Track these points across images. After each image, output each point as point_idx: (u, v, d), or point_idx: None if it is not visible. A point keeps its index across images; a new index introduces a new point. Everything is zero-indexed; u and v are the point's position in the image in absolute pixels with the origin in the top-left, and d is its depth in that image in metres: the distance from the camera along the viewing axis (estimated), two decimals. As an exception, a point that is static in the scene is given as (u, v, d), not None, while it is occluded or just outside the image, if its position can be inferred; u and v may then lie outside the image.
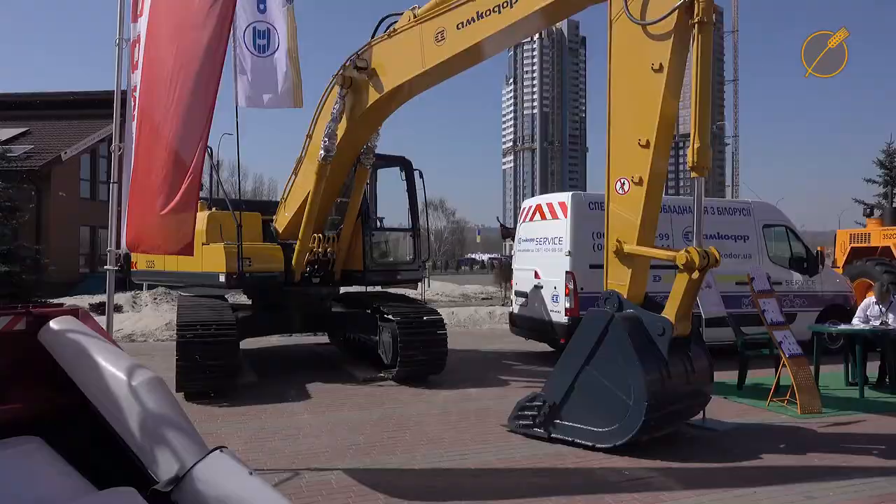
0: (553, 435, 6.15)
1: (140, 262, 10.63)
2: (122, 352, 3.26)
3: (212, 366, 7.87)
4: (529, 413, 6.36)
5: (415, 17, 7.83)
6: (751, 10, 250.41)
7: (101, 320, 6.46)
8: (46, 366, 3.21)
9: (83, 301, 17.50)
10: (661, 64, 5.77)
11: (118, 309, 16.62)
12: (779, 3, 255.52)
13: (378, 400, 8.14)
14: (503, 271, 25.17)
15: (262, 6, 9.16)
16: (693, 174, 5.91)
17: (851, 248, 16.83)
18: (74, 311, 3.47)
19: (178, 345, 7.98)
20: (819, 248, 12.61)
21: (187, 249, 5.25)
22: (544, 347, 11.58)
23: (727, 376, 8.75)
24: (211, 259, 9.00)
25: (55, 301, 13.99)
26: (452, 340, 9.99)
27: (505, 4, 6.81)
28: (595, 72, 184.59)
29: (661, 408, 5.83)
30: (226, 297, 10.31)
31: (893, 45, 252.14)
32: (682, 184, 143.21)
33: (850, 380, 9.08)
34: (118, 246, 6.18)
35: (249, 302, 10.95)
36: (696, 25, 5.64)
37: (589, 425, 5.92)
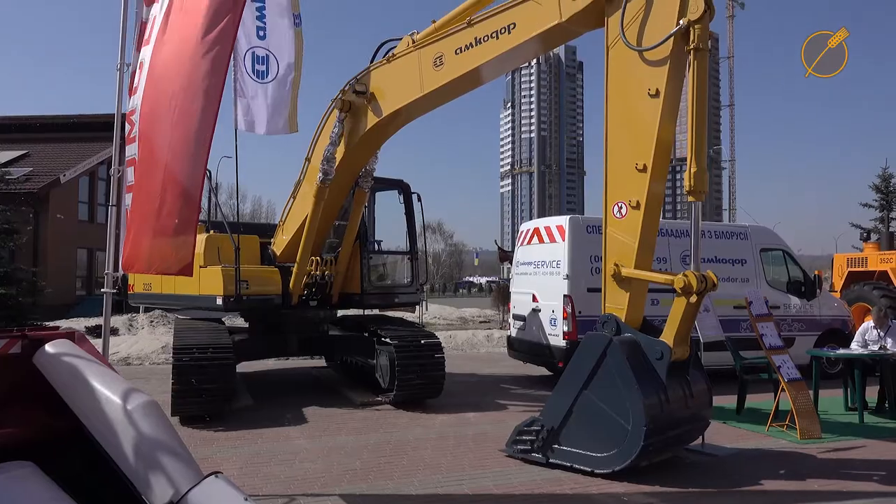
0: (551, 460, 6.10)
1: (137, 284, 10.61)
2: (118, 375, 3.24)
3: (207, 389, 7.82)
4: (527, 438, 6.31)
5: (413, 42, 7.92)
6: (745, 35, 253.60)
7: (98, 343, 6.43)
8: (41, 390, 3.18)
9: (79, 324, 17.43)
10: (657, 89, 5.82)
11: (114, 332, 16.54)
12: (773, 25, 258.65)
13: (375, 424, 8.08)
14: (501, 294, 25.15)
15: (261, 33, 9.23)
16: (690, 198, 5.93)
17: (849, 272, 16.86)
18: (70, 335, 3.45)
19: (174, 368, 7.93)
20: (816, 272, 12.64)
21: (186, 270, 5.28)
22: (542, 371, 11.53)
23: (726, 401, 8.70)
24: (208, 282, 8.99)
25: (51, 324, 13.91)
26: (450, 364, 9.94)
27: (503, 31, 6.89)
28: (592, 96, 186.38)
29: (659, 432, 5.79)
30: (223, 319, 10.28)
31: (889, 71, 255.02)
32: (679, 207, 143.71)
33: (849, 405, 9.04)
34: (116, 269, 6.17)
35: (246, 325, 10.91)
36: (691, 52, 5.70)
37: (587, 450, 5.87)
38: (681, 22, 5.67)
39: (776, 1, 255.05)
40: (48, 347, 3.26)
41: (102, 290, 6.34)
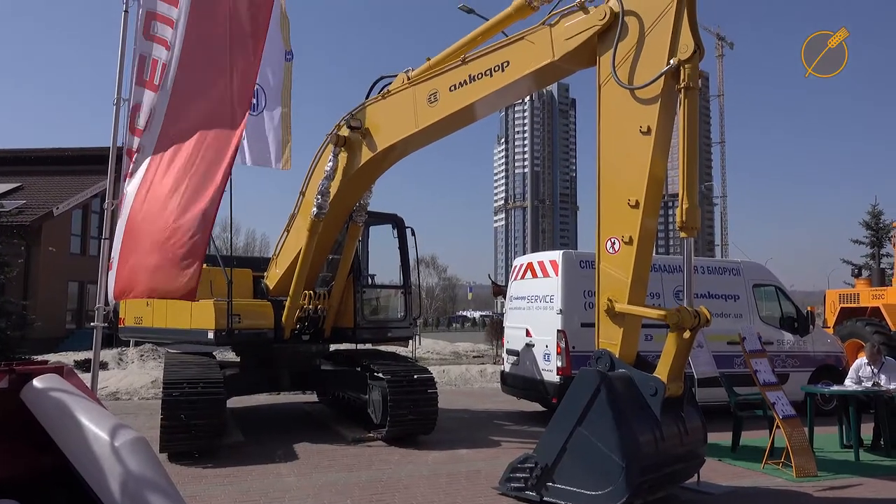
0: (545, 498, 6.01)
1: (128, 318, 10.53)
2: (106, 411, 3.19)
3: (197, 425, 7.72)
4: (521, 475, 6.22)
5: (409, 79, 8.03)
6: (737, 74, 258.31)
7: (86, 378, 6.36)
8: (28, 426, 3.13)
9: (68, 358, 17.24)
10: (648, 126, 5.90)
11: (104, 366, 16.35)
12: (764, 61, 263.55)
13: (367, 461, 7.96)
14: (495, 329, 25.06)
15: None
16: (683, 234, 5.97)
17: (841, 308, 16.89)
18: (59, 369, 3.41)
19: (164, 403, 7.83)
20: (809, 308, 12.65)
21: (190, 295, 5.50)
22: (536, 407, 11.43)
23: (721, 437, 8.63)
24: (200, 315, 8.93)
25: (40, 358, 13.74)
26: (443, 399, 9.85)
27: (496, 68, 7.00)
28: (585, 132, 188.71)
29: (654, 470, 5.73)
30: (214, 354, 10.19)
31: (879, 105, 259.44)
32: (672, 243, 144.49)
33: (844, 442, 8.98)
34: (107, 303, 6.14)
35: (238, 359, 10.81)
36: (682, 90, 5.80)
37: (581, 488, 5.79)
38: (671, 61, 5.77)
39: (764, 41, 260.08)
40: (36, 382, 3.22)
41: (92, 323, 6.30)
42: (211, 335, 8.81)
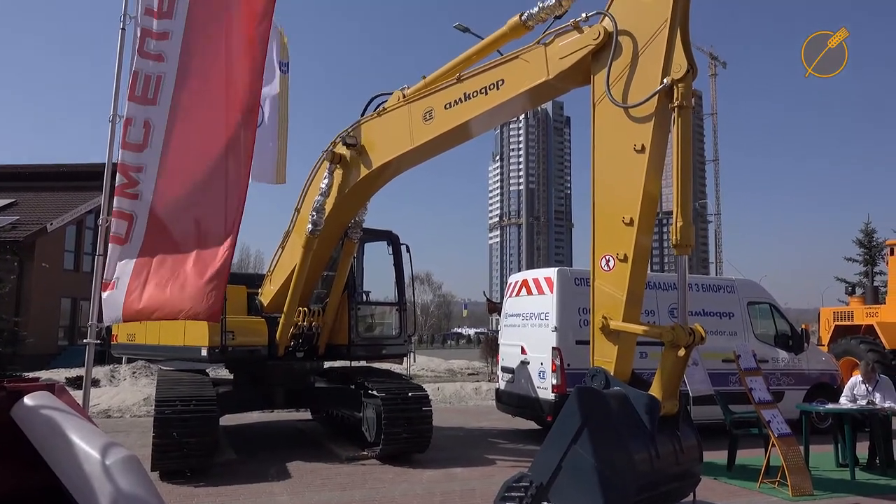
0: (541, 517, 5.95)
1: (121, 335, 10.48)
2: (97, 429, 3.16)
3: (189, 443, 7.65)
4: (516, 494, 6.17)
5: (404, 97, 8.06)
6: (729, 92, 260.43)
7: (78, 395, 6.31)
8: (18, 444, 3.10)
9: (60, 375, 17.11)
10: (643, 145, 5.92)
11: (95, 383, 16.22)
12: (754, 84, 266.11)
13: (360, 480, 7.90)
14: (490, 346, 25.00)
15: None
16: (677, 252, 5.97)
17: (835, 325, 16.95)
18: (50, 387, 3.38)
19: (156, 421, 7.76)
20: (804, 326, 12.67)
21: (215, 317, 5.71)
22: (531, 425, 11.38)
23: (716, 456, 8.60)
24: (193, 332, 8.88)
25: (31, 375, 13.63)
26: (438, 417, 9.80)
27: (491, 87, 7.04)
28: (579, 150, 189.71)
29: (650, 489, 5.69)
30: (207, 371, 10.13)
31: (871, 126, 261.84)
32: (666, 260, 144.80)
33: (840, 460, 8.95)
34: (100, 319, 6.10)
35: (231, 376, 10.74)
36: (675, 109, 5.83)
37: (577, 507, 5.74)
38: (665, 80, 5.81)
39: (757, 60, 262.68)
40: (27, 400, 3.19)
41: (85, 340, 6.25)
42: (204, 352, 8.76)
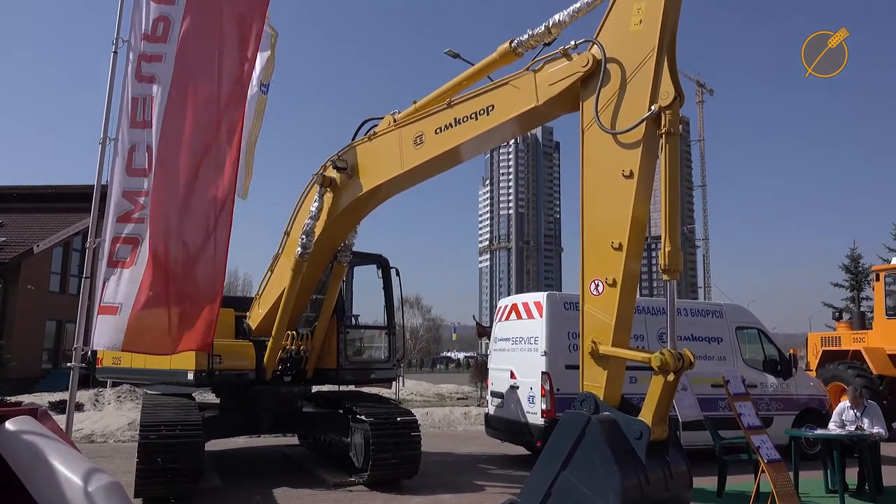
0: (530, 545, 5.88)
1: (106, 358, 10.34)
2: (80, 455, 3.11)
3: (174, 469, 7.53)
4: (505, 521, 6.10)
5: (395, 121, 8.12)
6: (715, 123, 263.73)
7: (61, 420, 6.21)
8: (1, 469, 3.04)
9: (43, 399, 16.86)
10: (631, 170, 5.97)
11: (79, 408, 15.99)
12: (741, 112, 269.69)
13: (348, 506, 7.80)
14: (479, 370, 24.89)
15: None
16: (665, 277, 5.99)
17: (823, 351, 16.99)
18: (33, 411, 3.33)
19: (140, 446, 7.64)
20: (792, 351, 12.71)
21: (207, 346, 6.01)
22: (521, 450, 11.30)
23: (706, 482, 8.56)
24: (180, 356, 8.76)
25: (13, 399, 13.43)
26: (426, 442, 9.71)
27: (481, 112, 7.10)
28: (568, 174, 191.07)
29: (640, 516, 5.64)
30: (193, 395, 10.01)
31: (855, 150, 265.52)
32: (655, 285, 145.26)
33: (829, 486, 8.92)
34: (86, 343, 6.04)
35: (217, 400, 10.62)
36: (663, 135, 5.90)
37: (567, 535, 5.69)
38: (652, 108, 5.88)
39: (743, 87, 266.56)
40: (8, 424, 3.14)
41: (70, 364, 6.18)
42: (191, 376, 8.66)
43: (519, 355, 10.77)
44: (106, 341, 5.95)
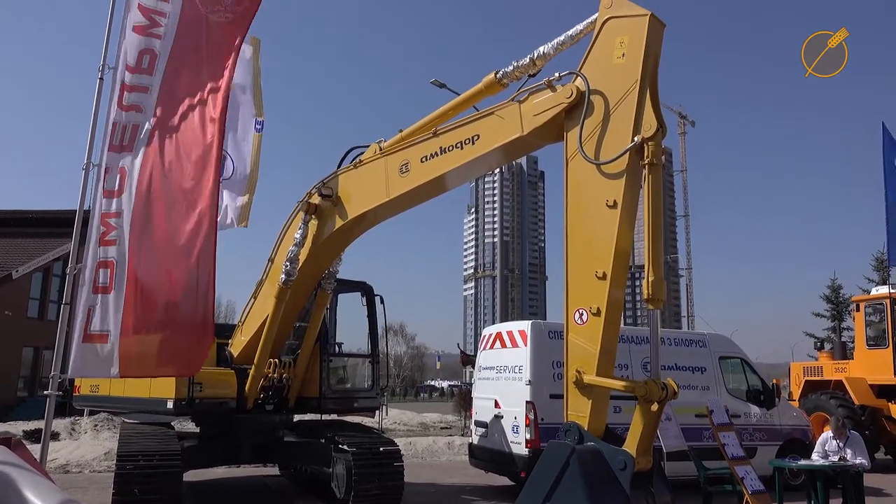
0: (513, 578, 5.80)
1: (83, 386, 10.17)
2: (54, 485, 3.04)
3: (150, 500, 7.36)
4: (489, 554, 6.02)
5: (381, 149, 8.15)
6: (698, 153, 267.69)
7: (36, 449, 6.07)
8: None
9: (18, 427, 16.48)
10: (615, 200, 6.02)
11: (55, 436, 15.65)
12: (727, 141, 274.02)
13: (328, 539, 7.65)
14: (463, 399, 24.71)
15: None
16: (649, 306, 6.02)
17: (806, 381, 17.07)
18: (6, 440, 3.25)
19: (116, 477, 7.48)
20: (775, 381, 12.76)
21: (197, 368, 6.03)
22: (505, 481, 11.18)
23: (691, 513, 8.51)
24: (159, 383, 8.65)
25: (-13, 427, 13.12)
26: (410, 473, 9.57)
27: (467, 141, 7.15)
28: (553, 204, 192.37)
29: (625, 548, 5.58)
30: (172, 423, 9.84)
31: (834, 183, 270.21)
32: (639, 314, 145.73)
33: (814, 517, 8.91)
34: (63, 370, 5.92)
35: (197, 429, 10.44)
36: (646, 166, 5.96)
37: (551, 567, 5.61)
38: (635, 139, 5.96)
39: (725, 119, 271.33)
40: (-20, 454, 3.06)
41: (46, 392, 6.06)
42: (170, 404, 8.52)
43: (503, 384, 10.71)
44: (100, 370, 5.87)
